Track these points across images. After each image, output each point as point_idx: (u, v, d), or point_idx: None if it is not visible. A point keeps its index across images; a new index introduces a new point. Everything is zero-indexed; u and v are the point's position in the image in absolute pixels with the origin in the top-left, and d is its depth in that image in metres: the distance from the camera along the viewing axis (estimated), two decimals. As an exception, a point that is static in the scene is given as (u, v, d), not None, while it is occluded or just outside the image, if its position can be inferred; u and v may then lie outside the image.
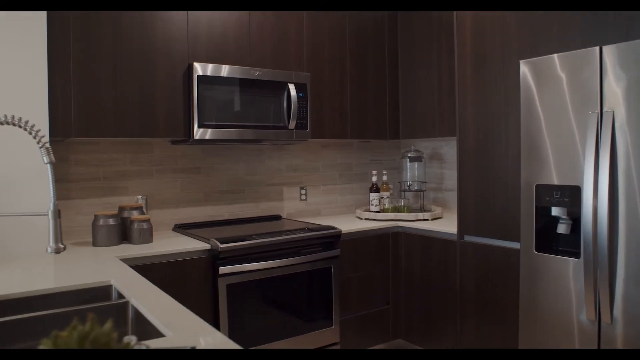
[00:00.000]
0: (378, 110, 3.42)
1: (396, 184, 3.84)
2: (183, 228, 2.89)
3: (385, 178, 3.46)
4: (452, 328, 2.82)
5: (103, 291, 1.77)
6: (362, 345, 3.01)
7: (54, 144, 2.58)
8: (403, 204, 3.38)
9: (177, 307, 1.40)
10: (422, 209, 3.46)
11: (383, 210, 3.37)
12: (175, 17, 2.59)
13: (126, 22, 2.45)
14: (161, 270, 2.28)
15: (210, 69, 2.61)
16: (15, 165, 2.17)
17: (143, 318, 1.41)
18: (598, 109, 1.94)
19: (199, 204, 3.04)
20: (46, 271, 1.90)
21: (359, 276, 2.98)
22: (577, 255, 2.03)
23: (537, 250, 2.17)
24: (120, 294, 1.65)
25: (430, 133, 3.29)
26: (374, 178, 3.43)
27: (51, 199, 1.25)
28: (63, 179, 2.61)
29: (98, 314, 1.59)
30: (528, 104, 2.19)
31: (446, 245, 2.83)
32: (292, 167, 3.43)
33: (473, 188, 2.62)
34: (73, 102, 2.33)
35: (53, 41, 2.27)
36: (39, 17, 2.20)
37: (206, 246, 2.41)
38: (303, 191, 3.48)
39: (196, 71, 2.57)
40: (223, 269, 2.40)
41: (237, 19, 2.79)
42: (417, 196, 3.66)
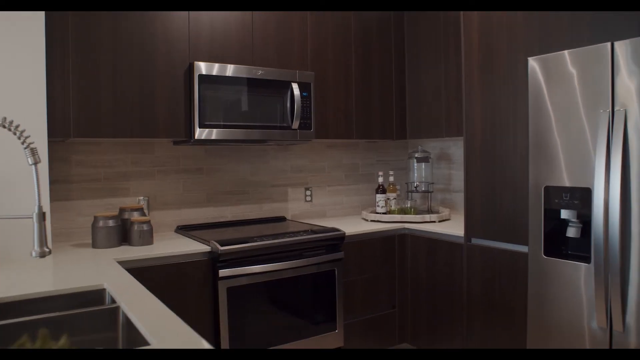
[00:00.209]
0: (384, 109, 3.35)
1: (403, 185, 3.77)
2: (185, 229, 2.85)
3: (391, 179, 3.39)
4: (459, 332, 2.75)
5: (97, 295, 1.74)
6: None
7: (55, 145, 2.56)
8: (410, 206, 3.32)
9: (168, 314, 1.36)
10: (430, 211, 3.38)
11: (389, 211, 3.31)
12: (176, 16, 2.55)
13: (126, 21, 2.42)
14: (160, 272, 2.25)
15: (211, 68, 2.57)
16: (14, 166, 2.14)
17: (133, 324, 1.36)
18: (609, 108, 1.85)
19: (202, 205, 3.00)
20: (42, 274, 1.87)
21: (364, 279, 2.92)
22: (588, 259, 1.95)
23: (546, 254, 2.09)
24: (113, 299, 1.61)
25: (437, 133, 3.22)
26: (380, 179, 3.37)
27: (36, 202, 1.21)
28: (64, 180, 2.59)
29: (89, 319, 1.55)
30: (537, 103, 2.12)
31: (453, 248, 2.76)
32: (297, 168, 3.38)
33: (480, 190, 2.55)
34: (72, 102, 2.30)
35: (51, 41, 2.24)
36: (37, 17, 2.17)
37: (206, 248, 2.37)
38: (308, 192, 3.43)
39: (197, 70, 2.53)
40: (223, 272, 2.36)
41: (240, 18, 2.75)
42: (425, 197, 3.59)
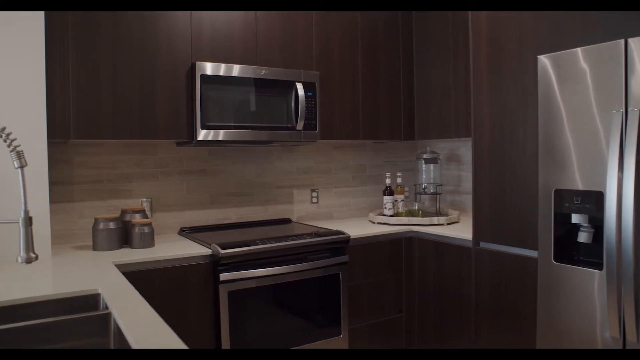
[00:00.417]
0: (391, 110, 3.28)
1: (412, 187, 3.70)
2: (188, 232, 2.82)
3: (399, 180, 3.32)
4: (467, 338, 2.67)
5: (92, 299, 1.71)
6: (373, 354, 2.89)
7: (56, 146, 2.54)
8: (417, 208, 3.25)
9: (157, 322, 1.32)
10: (438, 213, 3.31)
11: (397, 214, 3.24)
12: (177, 16, 2.51)
13: (126, 21, 2.39)
14: (161, 276, 2.21)
15: (213, 68, 2.53)
16: (11, 168, 2.12)
17: (123, 331, 1.33)
18: (623, 108, 1.77)
19: (206, 207, 2.96)
20: (38, 278, 1.84)
21: (370, 283, 2.86)
22: (600, 266, 1.87)
23: (556, 260, 2.01)
24: (107, 304, 1.58)
25: (446, 134, 3.14)
26: (388, 180, 3.30)
27: (22, 206, 1.18)
28: (65, 182, 2.57)
29: (82, 325, 1.52)
30: (547, 103, 2.04)
31: (461, 251, 2.69)
32: (303, 169, 3.33)
33: (489, 192, 2.48)
34: (72, 103, 2.28)
35: (51, 41, 2.22)
36: (37, 17, 2.15)
37: (207, 251, 2.33)
38: (314, 194, 3.37)
39: (199, 70, 2.49)
40: (224, 276, 2.32)
41: (243, 17, 2.71)
42: (434, 199, 3.51)
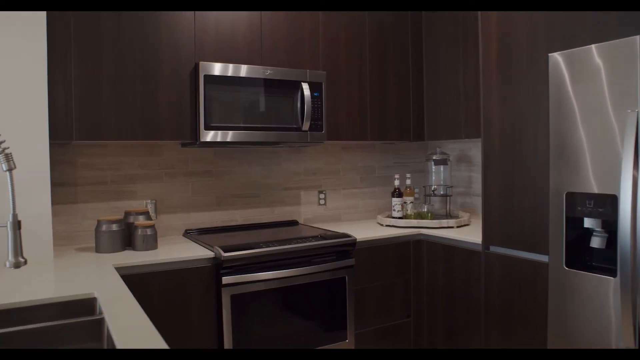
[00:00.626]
0: (400, 110, 3.22)
1: (422, 189, 3.64)
2: (193, 233, 2.79)
3: (408, 182, 3.25)
4: (477, 343, 2.60)
5: (88, 303, 1.68)
6: None
7: (60, 147, 2.53)
8: (427, 210, 3.18)
9: (146, 326, 1.28)
10: (448, 215, 3.24)
11: (405, 216, 3.18)
12: (181, 16, 2.49)
13: (129, 21, 2.37)
14: (162, 279, 2.18)
15: (218, 69, 2.50)
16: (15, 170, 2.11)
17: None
18: (638, 107, 1.69)
19: (211, 209, 2.93)
20: (36, 280, 1.82)
21: (377, 287, 2.80)
22: (613, 273, 1.79)
23: (568, 265, 1.94)
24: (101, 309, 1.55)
25: (456, 134, 3.07)
26: (397, 182, 3.24)
27: (10, 210, 1.15)
28: (69, 183, 2.55)
29: (75, 330, 1.49)
30: (558, 102, 1.96)
31: (470, 255, 2.62)
32: (311, 170, 3.29)
33: (498, 195, 2.40)
34: (74, 104, 2.26)
35: (53, 41, 2.21)
36: (39, 17, 2.13)
37: (210, 254, 2.29)
38: (322, 195, 3.33)
39: (203, 70, 2.46)
40: (227, 279, 2.28)
41: (248, 17, 2.67)
42: (444, 201, 3.44)
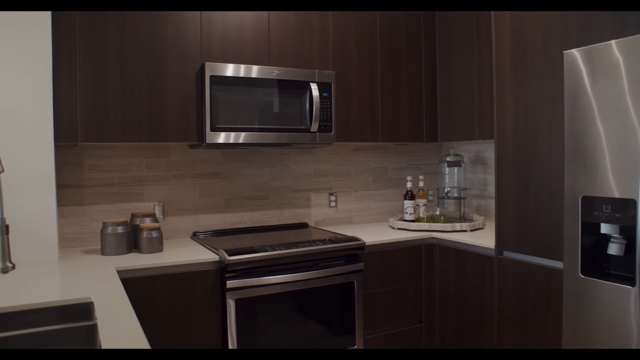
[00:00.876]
0: (413, 110, 3.14)
1: (436, 191, 3.55)
2: (201, 236, 2.76)
3: (421, 184, 3.18)
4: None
5: (86, 307, 1.66)
6: (391, 366, 2.76)
7: (67, 149, 2.52)
8: (439, 213, 3.10)
9: (138, 335, 1.25)
10: (462, 219, 3.15)
11: (418, 219, 3.10)
12: (187, 16, 2.46)
13: (135, 22, 2.35)
14: (166, 282, 2.15)
15: (224, 69, 2.46)
16: (17, 171, 2.11)
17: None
18: (658, 107, 1.60)
19: (220, 211, 2.90)
20: (37, 283, 1.81)
21: (387, 291, 2.73)
22: (632, 282, 1.70)
23: (583, 273, 1.85)
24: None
25: (470, 135, 2.98)
26: (409, 184, 3.16)
27: (-2, 213, 1.12)
28: (76, 185, 2.55)
29: (68, 336, 1.47)
30: (574, 101, 1.87)
31: (483, 261, 2.53)
32: (321, 172, 3.23)
33: (513, 199, 2.31)
34: (79, 105, 2.25)
35: (58, 42, 2.20)
36: (44, 17, 2.13)
37: (215, 258, 2.26)
38: (333, 197, 3.27)
39: (209, 71, 2.43)
40: (231, 283, 2.24)
41: (255, 17, 2.63)
42: (458, 204, 3.35)
